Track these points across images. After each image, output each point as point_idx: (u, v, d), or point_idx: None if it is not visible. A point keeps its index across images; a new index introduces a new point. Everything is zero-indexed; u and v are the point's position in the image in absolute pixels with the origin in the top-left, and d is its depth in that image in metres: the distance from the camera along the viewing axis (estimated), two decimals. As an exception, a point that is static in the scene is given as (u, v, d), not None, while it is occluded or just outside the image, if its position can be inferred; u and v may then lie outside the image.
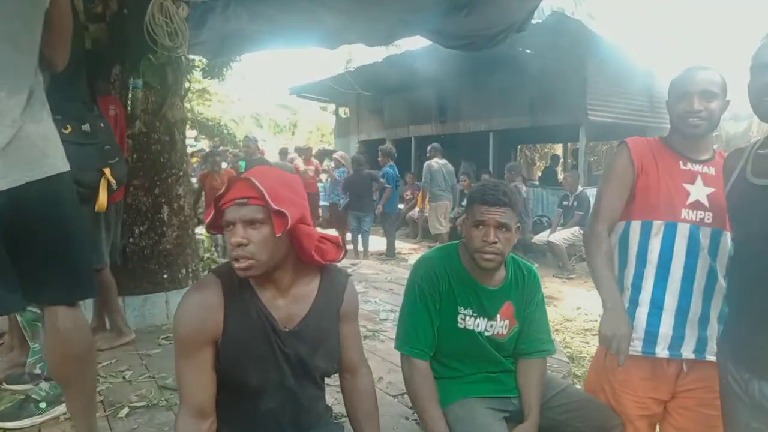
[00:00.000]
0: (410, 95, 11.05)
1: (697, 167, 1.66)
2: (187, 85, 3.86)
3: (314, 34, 4.94)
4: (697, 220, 1.62)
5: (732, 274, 1.41)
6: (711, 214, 1.61)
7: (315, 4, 4.19)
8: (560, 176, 10.52)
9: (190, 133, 19.16)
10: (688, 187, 1.64)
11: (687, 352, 1.64)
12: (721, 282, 1.62)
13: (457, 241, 1.84)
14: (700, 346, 1.63)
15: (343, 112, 14.61)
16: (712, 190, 1.62)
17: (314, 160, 9.36)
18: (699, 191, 1.63)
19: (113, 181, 2.03)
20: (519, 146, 14.22)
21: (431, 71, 8.64)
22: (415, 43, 8.61)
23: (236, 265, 1.23)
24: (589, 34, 6.88)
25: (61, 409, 1.94)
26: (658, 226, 1.66)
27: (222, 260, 5.96)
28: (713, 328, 1.63)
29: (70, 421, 1.80)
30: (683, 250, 1.63)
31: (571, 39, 7.06)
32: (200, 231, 8.00)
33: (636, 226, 1.70)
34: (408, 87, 10.51)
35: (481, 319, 1.75)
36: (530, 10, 4.09)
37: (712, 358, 1.57)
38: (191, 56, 6.61)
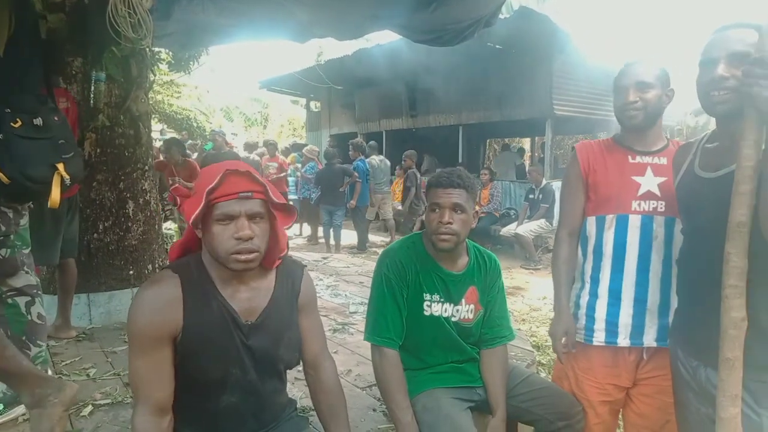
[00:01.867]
0: (381, 89, 11.04)
1: (647, 159, 1.72)
2: (152, 77, 3.78)
3: (283, 27, 4.89)
4: (650, 210, 1.69)
5: (681, 265, 1.47)
6: (664, 203, 1.67)
7: (283, -4, 4.15)
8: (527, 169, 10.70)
9: (157, 127, 18.74)
10: (637, 179, 1.70)
11: (648, 340, 1.70)
12: (675, 269, 1.66)
13: (421, 231, 1.88)
14: (661, 333, 1.69)
15: (314, 105, 14.51)
16: (664, 179, 1.68)
17: (280, 156, 9.18)
18: (650, 182, 1.69)
19: (67, 177, 1.97)
20: (488, 140, 14.37)
21: (402, 65, 8.65)
22: (385, 37, 8.60)
23: (239, 258, 1.22)
24: (554, 30, 6.98)
25: (20, 410, 1.91)
26: (610, 220, 1.73)
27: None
28: (672, 313, 1.68)
29: (29, 422, 1.77)
30: (636, 241, 1.69)
31: (538, 34, 7.15)
32: (168, 226, 7.88)
33: (591, 221, 1.78)
34: (379, 81, 10.49)
35: (448, 304, 1.79)
36: (497, 4, 4.14)
37: None
38: (157, 48, 6.46)
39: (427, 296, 1.77)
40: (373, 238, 8.61)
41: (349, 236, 8.11)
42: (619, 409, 1.85)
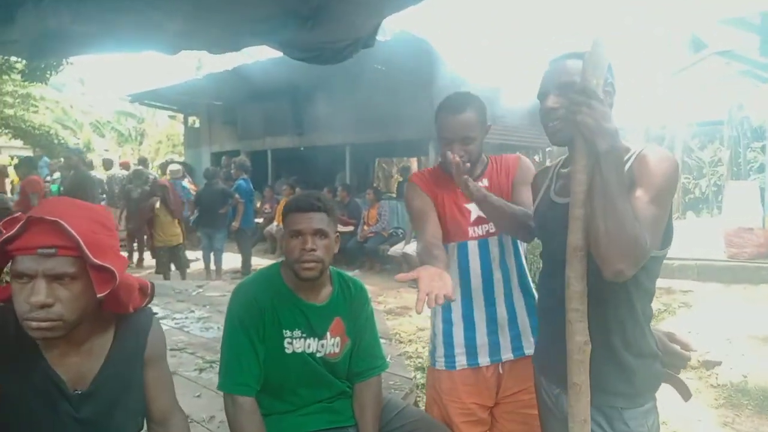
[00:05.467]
0: (265, 106, 10.73)
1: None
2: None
3: (150, 38, 4.49)
4: (483, 233, 1.76)
5: (539, 290, 1.47)
6: (492, 224, 1.73)
7: (148, 6, 3.83)
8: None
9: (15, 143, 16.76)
10: (468, 206, 1.76)
11: (506, 354, 1.76)
12: (516, 281, 1.77)
13: (278, 261, 1.74)
14: (516, 344, 1.76)
15: (193, 121, 13.77)
16: None
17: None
18: (477, 207, 1.72)
19: None
20: (377, 160, 14.58)
21: (286, 82, 8.48)
22: (267, 53, 8.38)
23: (32, 325, 0.99)
24: (433, 53, 7.23)
25: None
26: (452, 248, 1.77)
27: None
28: (524, 323, 1.77)
29: None
30: (478, 265, 1.75)
31: (417, 56, 7.37)
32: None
33: None
34: (263, 97, 10.20)
35: (312, 339, 1.65)
36: (374, 26, 4.13)
37: (530, 352, 1.69)
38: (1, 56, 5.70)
39: (288, 333, 1.62)
40: (257, 260, 8.23)
41: (233, 259, 7.66)
42: (487, 430, 1.84)
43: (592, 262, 1.13)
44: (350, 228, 8.36)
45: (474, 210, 1.74)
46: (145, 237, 8.63)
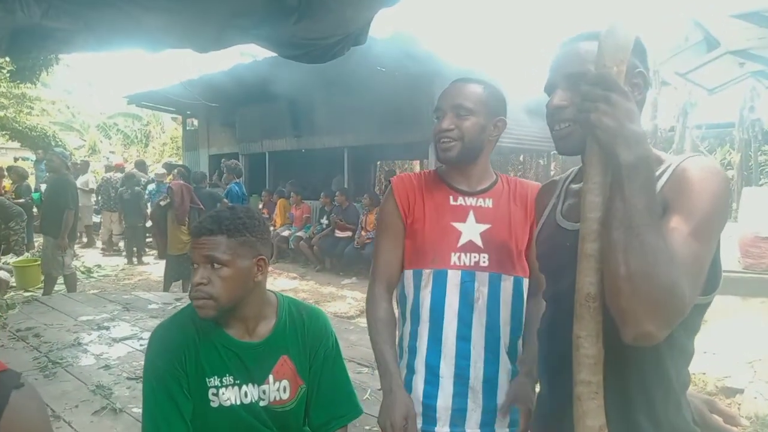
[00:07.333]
0: (263, 108, 10.47)
1: (470, 201, 1.43)
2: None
3: (131, 35, 4.25)
4: (471, 264, 1.38)
5: (542, 340, 1.16)
6: (487, 255, 1.38)
7: (122, 0, 3.58)
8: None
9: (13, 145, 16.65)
10: (458, 226, 1.40)
11: (471, 427, 1.38)
12: (506, 337, 1.39)
13: None
14: (487, 417, 1.39)
15: (191, 123, 13.54)
16: (488, 226, 1.39)
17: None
18: (471, 230, 1.39)
19: None
20: (378, 162, 14.28)
21: (284, 84, 8.20)
22: (264, 54, 8.11)
23: None
24: (433, 55, 6.96)
25: None
26: (427, 276, 1.40)
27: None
28: (503, 393, 1.39)
29: None
30: (455, 303, 1.37)
31: (418, 58, 7.09)
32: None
33: (409, 275, 1.44)
34: (261, 99, 9.93)
35: (248, 386, 1.34)
36: (365, 21, 3.87)
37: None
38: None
39: (213, 381, 1.32)
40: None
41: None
42: None
43: (610, 315, 0.84)
44: (348, 234, 8.09)
45: (466, 231, 1.39)
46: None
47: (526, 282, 1.43)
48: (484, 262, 1.38)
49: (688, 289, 0.78)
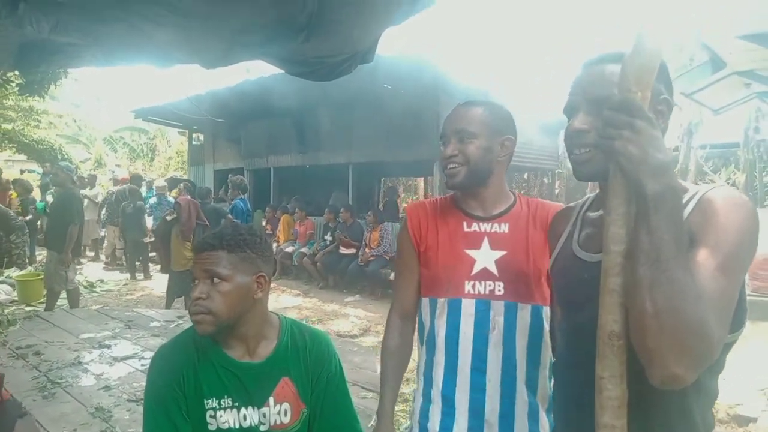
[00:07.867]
0: (269, 124, 10.51)
1: (484, 227, 1.39)
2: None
3: (140, 50, 4.29)
4: (486, 293, 1.34)
5: (558, 375, 1.12)
6: (502, 284, 1.34)
7: (133, 16, 3.58)
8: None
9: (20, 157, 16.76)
10: (472, 253, 1.37)
11: None
12: (523, 369, 1.34)
13: None
14: None
15: (197, 138, 13.61)
16: (503, 253, 1.36)
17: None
18: (486, 257, 1.36)
19: None
20: (382, 179, 14.28)
21: (290, 100, 8.24)
22: (270, 70, 8.16)
23: None
24: (439, 72, 6.98)
25: None
26: (442, 304, 1.38)
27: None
28: (522, 426, 1.34)
29: None
30: (470, 333, 1.34)
31: (422, 75, 7.12)
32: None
33: (426, 303, 1.42)
34: (266, 115, 9.98)
35: (247, 409, 1.31)
36: (373, 40, 3.88)
37: None
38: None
39: (211, 402, 1.28)
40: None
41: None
42: None
43: (634, 354, 0.80)
44: (352, 250, 8.05)
45: (481, 258, 1.35)
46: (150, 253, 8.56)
47: (546, 310, 1.38)
48: (499, 290, 1.34)
49: (716, 328, 0.75)
